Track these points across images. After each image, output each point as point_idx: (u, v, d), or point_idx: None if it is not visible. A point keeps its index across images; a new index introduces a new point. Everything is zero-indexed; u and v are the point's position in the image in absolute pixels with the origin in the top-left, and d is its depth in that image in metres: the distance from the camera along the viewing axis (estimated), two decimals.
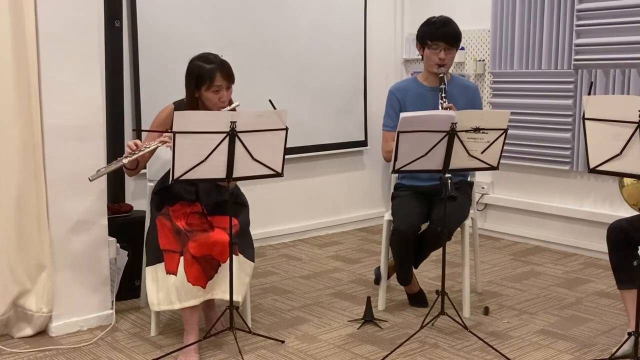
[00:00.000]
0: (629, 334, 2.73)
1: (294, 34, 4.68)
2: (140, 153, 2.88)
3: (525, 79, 4.55)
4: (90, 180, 2.87)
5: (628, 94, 4.02)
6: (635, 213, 2.85)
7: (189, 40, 4.09)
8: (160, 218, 2.94)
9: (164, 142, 2.88)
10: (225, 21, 4.36)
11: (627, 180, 2.84)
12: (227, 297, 2.87)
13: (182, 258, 2.84)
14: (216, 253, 2.85)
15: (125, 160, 2.86)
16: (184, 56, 3.07)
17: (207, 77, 2.92)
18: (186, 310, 2.88)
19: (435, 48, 3.27)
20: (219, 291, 2.90)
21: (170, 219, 2.93)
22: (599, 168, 2.66)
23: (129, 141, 2.93)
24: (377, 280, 3.57)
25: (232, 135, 2.69)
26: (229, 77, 2.98)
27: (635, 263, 2.69)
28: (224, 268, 2.87)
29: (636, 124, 2.50)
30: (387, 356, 2.90)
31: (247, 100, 3.61)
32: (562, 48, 4.33)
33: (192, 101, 3.00)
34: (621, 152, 2.58)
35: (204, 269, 2.84)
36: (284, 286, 3.86)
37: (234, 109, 3.01)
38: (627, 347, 2.75)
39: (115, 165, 2.88)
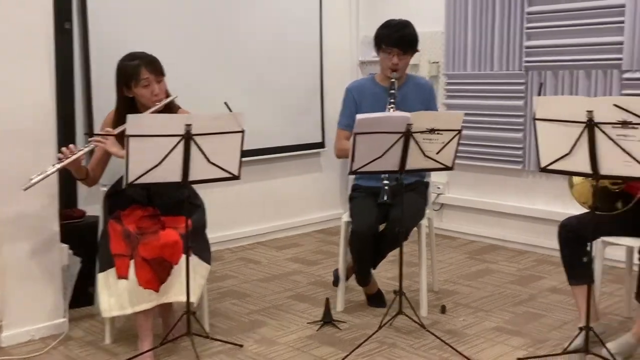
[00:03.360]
0: (580, 329, 2.80)
1: (250, 38, 4.66)
2: (72, 157, 2.82)
3: (478, 81, 4.63)
4: (24, 190, 2.78)
5: (576, 94, 4.12)
6: (585, 210, 2.92)
7: (143, 42, 4.00)
8: (112, 222, 2.90)
9: (98, 142, 2.86)
10: (180, 23, 4.31)
11: (575, 179, 2.91)
12: (182, 299, 2.84)
13: (132, 262, 2.80)
14: (167, 255, 2.82)
15: (58, 166, 2.81)
16: None
17: (132, 73, 2.93)
18: (139, 316, 2.84)
19: (389, 53, 3.30)
20: (172, 294, 2.86)
21: (122, 222, 2.88)
22: (550, 167, 2.72)
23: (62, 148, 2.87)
24: (336, 282, 3.58)
25: (188, 138, 2.67)
26: (155, 69, 2.96)
27: (585, 259, 2.76)
28: (177, 270, 2.84)
29: (584, 124, 2.57)
30: (345, 357, 2.91)
31: (203, 103, 3.58)
32: (513, 50, 4.42)
33: (121, 102, 2.99)
34: (570, 151, 2.64)
35: (156, 272, 2.80)
36: (242, 290, 3.84)
37: (171, 102, 3.00)
38: (579, 341, 2.81)
39: (47, 173, 2.80)
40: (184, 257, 2.83)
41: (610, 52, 3.99)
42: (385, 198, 3.21)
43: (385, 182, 3.23)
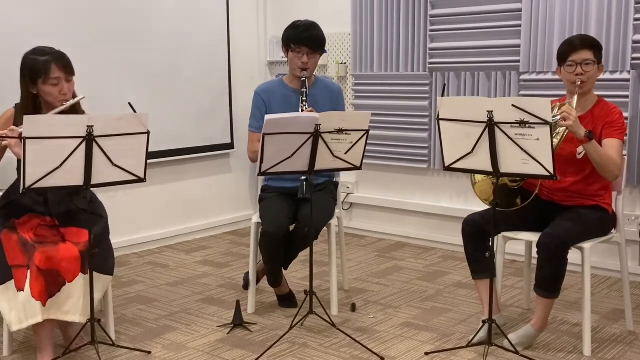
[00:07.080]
0: (483, 322, 2.91)
1: (157, 37, 4.54)
2: None
3: (384, 81, 4.72)
4: None
5: (477, 95, 4.28)
6: (487, 207, 3.03)
7: (39, 38, 3.83)
8: (5, 232, 2.74)
9: (2, 140, 2.65)
10: (81, 19, 4.14)
11: (477, 177, 3.02)
12: (67, 319, 2.72)
13: (29, 271, 2.66)
14: (63, 269, 2.69)
15: None
16: None
17: (42, 70, 2.76)
18: (35, 327, 2.71)
19: (299, 52, 3.31)
20: (58, 312, 2.71)
21: (17, 231, 2.74)
22: (453, 166, 2.81)
23: None
24: (246, 286, 3.55)
25: (89, 140, 2.57)
26: (67, 67, 2.82)
27: (487, 254, 2.87)
28: (69, 288, 2.70)
29: (485, 124, 2.66)
30: (257, 359, 2.89)
31: (107, 103, 3.47)
32: (417, 52, 4.53)
33: (27, 99, 2.82)
34: (472, 150, 2.73)
35: (47, 285, 2.66)
36: (150, 295, 3.74)
37: (78, 103, 2.86)
38: (482, 334, 2.92)
39: None
40: (80, 275, 2.71)
41: (509, 54, 4.16)
42: (304, 194, 3.13)
43: (302, 177, 3.15)
